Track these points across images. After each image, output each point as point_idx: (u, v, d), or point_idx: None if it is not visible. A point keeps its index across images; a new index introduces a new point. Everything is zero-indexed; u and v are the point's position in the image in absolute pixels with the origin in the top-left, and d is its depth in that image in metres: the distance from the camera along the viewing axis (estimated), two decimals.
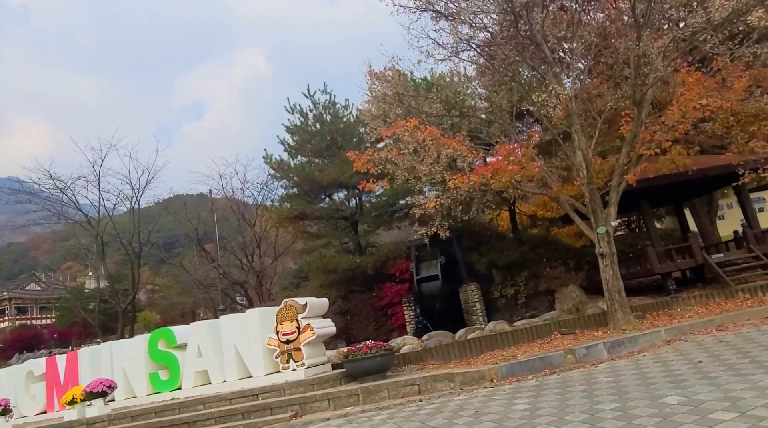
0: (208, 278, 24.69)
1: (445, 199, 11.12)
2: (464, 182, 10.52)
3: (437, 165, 10.76)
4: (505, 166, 9.91)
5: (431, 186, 11.31)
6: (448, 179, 10.64)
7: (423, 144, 10.69)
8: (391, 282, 19.06)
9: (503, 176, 10.49)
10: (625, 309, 11.69)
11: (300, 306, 11.52)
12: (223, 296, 24.01)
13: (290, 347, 11.42)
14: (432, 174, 10.77)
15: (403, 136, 10.75)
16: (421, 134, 10.63)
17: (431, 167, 10.75)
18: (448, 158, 11.09)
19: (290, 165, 19.81)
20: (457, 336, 13.59)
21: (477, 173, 10.33)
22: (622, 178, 11.91)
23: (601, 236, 11.95)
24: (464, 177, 10.58)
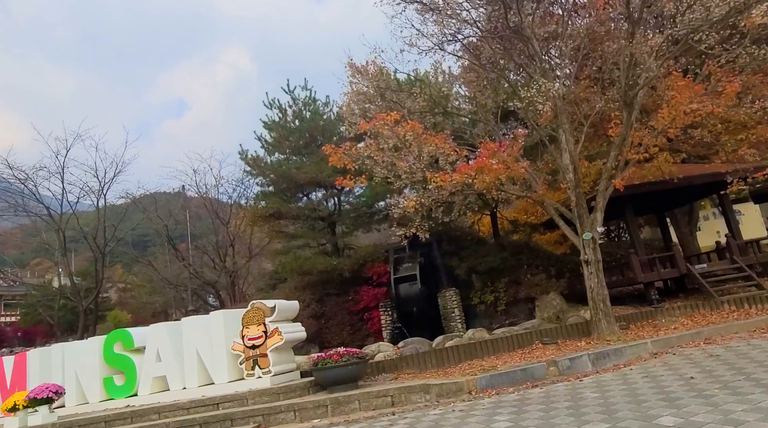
0: (179, 278, 23.62)
1: (425, 199, 10.46)
2: (446, 181, 9.87)
3: (419, 162, 10.09)
4: (489, 164, 9.31)
5: (412, 186, 10.63)
6: (430, 178, 9.97)
7: (404, 139, 10.02)
8: (368, 286, 18.31)
9: (487, 175, 9.87)
10: (609, 319, 11.15)
11: (268, 309, 10.71)
12: (194, 296, 22.99)
13: (256, 352, 10.60)
14: (413, 172, 10.10)
15: (382, 130, 10.06)
16: (402, 129, 9.96)
17: (412, 165, 10.08)
18: (429, 156, 10.44)
19: (267, 162, 18.96)
20: (434, 343, 12.91)
21: (460, 171, 9.69)
22: (610, 182, 11.40)
23: (587, 243, 11.41)
24: (446, 176, 9.93)
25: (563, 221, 11.98)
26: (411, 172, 10.18)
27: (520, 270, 17.97)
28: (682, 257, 14.63)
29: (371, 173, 11.21)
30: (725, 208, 15.43)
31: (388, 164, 10.49)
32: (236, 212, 21.01)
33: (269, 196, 18.88)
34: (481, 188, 10.30)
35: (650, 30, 10.31)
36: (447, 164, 10.30)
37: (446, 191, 10.52)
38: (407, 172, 10.19)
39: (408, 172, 10.18)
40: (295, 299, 19.47)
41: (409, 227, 11.27)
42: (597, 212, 11.40)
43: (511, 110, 15.11)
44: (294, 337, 11.00)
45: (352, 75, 11.76)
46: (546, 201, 11.91)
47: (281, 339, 10.49)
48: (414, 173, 10.34)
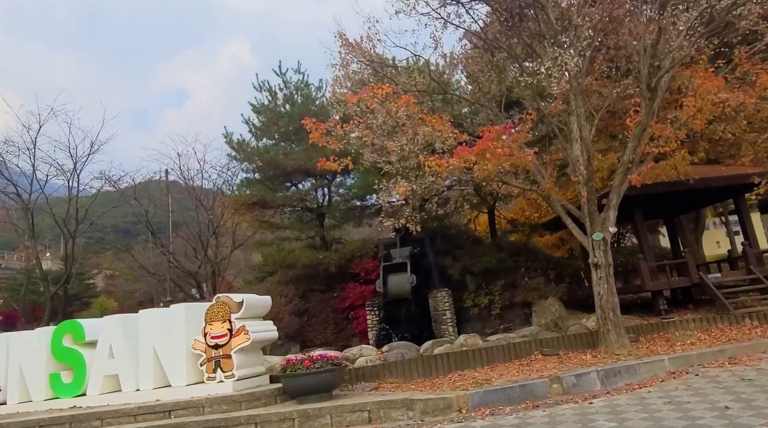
0: (159, 267, 22.13)
1: (418, 185, 9.06)
2: (443, 167, 8.48)
3: (412, 144, 8.71)
4: (492, 148, 7.92)
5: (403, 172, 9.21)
6: (424, 162, 8.58)
7: (396, 116, 8.63)
8: (354, 283, 16.88)
9: (489, 162, 8.48)
10: (619, 331, 9.77)
11: (234, 304, 9.29)
12: (174, 286, 21.50)
13: (219, 353, 9.18)
14: (405, 154, 8.71)
15: (372, 103, 8.66)
16: (394, 104, 8.57)
17: (404, 146, 8.69)
18: (425, 139, 9.04)
19: (253, 147, 17.51)
20: (422, 348, 11.51)
21: (458, 155, 8.29)
22: (625, 178, 10.01)
23: (597, 244, 10.02)
24: (443, 161, 8.55)
25: (571, 219, 10.59)
26: (403, 155, 8.77)
27: (518, 273, 16.61)
28: (694, 265, 13.26)
29: (359, 157, 9.80)
30: (742, 214, 14.08)
31: (378, 147, 9.09)
32: (220, 200, 19.52)
33: (254, 183, 17.43)
34: (481, 177, 8.91)
35: (681, 5, 8.92)
36: (444, 146, 8.90)
37: (441, 178, 9.11)
38: (398, 154, 8.79)
39: (399, 154, 8.78)
40: (277, 294, 18.16)
41: (398, 217, 9.86)
42: (609, 210, 10.01)
43: (515, 101, 13.76)
44: (263, 337, 9.58)
45: (342, 46, 10.33)
46: (552, 196, 10.53)
47: (248, 339, 9.07)
48: (407, 158, 8.94)
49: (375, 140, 8.98)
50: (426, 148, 8.99)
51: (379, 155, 9.82)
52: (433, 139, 9.01)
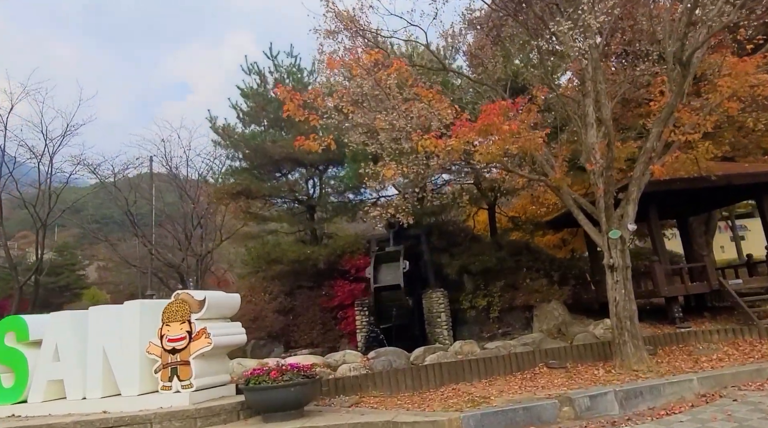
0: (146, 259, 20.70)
1: (408, 167, 7.66)
2: (440, 147, 7.10)
3: (404, 119, 7.32)
4: (498, 123, 6.52)
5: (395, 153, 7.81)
6: (417, 141, 7.19)
7: (385, 85, 7.25)
8: (344, 280, 15.49)
9: (493, 144, 7.10)
10: (637, 343, 8.38)
11: (195, 303, 7.90)
12: (157, 280, 20.14)
13: (176, 359, 7.79)
14: (395, 133, 7.32)
15: (357, 69, 7.26)
16: (383, 73, 7.18)
17: (394, 121, 7.31)
18: (419, 117, 7.65)
19: (239, 133, 16.09)
20: (412, 356, 10.13)
21: (458, 134, 6.89)
22: (647, 168, 8.61)
23: (613, 243, 8.63)
24: (440, 141, 7.17)
25: (583, 215, 9.19)
26: (394, 136, 7.37)
27: (519, 273, 15.22)
28: (714, 270, 11.87)
29: (345, 138, 8.41)
30: (765, 215, 12.66)
31: (365, 125, 7.69)
32: (204, 189, 18.11)
33: (240, 172, 16.02)
34: (483, 161, 7.52)
35: None
36: (442, 129, 7.51)
37: (438, 163, 7.71)
38: (388, 132, 7.39)
39: (390, 134, 7.38)
40: (261, 290, 16.80)
41: (386, 207, 8.46)
42: (628, 204, 8.62)
43: (521, 87, 12.36)
44: (228, 341, 8.18)
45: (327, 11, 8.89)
46: (563, 189, 9.13)
47: (209, 344, 7.67)
48: (397, 139, 7.53)
49: (360, 118, 7.58)
50: (420, 127, 7.60)
51: (368, 137, 8.41)
52: (429, 117, 7.62)
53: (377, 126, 7.60)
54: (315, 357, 10.65)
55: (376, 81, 7.33)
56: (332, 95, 7.96)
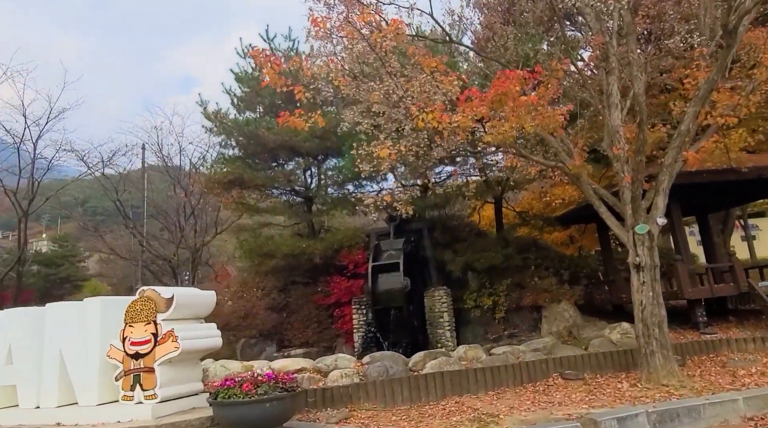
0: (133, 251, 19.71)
1: (405, 146, 6.52)
2: (444, 122, 5.97)
3: (401, 89, 6.20)
4: (514, 92, 5.36)
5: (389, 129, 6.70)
6: (418, 115, 6.05)
7: (381, 48, 6.12)
8: (341, 276, 14.37)
9: (507, 122, 5.95)
10: (667, 354, 7.23)
11: (162, 301, 6.80)
12: (149, 274, 19.11)
13: (140, 365, 6.70)
14: (392, 103, 6.19)
15: (348, 30, 6.13)
16: (377, 35, 6.04)
17: (391, 90, 6.18)
18: (421, 90, 6.51)
19: (232, 119, 14.99)
20: (411, 362, 9.00)
21: (465, 107, 5.72)
22: (680, 154, 7.43)
23: (640, 239, 7.48)
24: (444, 116, 6.03)
25: (605, 207, 8.03)
26: (389, 102, 6.22)
27: (526, 271, 14.06)
28: (743, 271, 10.68)
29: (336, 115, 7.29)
30: None
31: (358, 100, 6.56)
32: (196, 178, 17.01)
33: (233, 160, 14.91)
34: (495, 142, 6.37)
35: None
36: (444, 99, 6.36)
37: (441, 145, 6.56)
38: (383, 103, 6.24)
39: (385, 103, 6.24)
40: (253, 286, 15.70)
41: (382, 196, 7.33)
42: (658, 195, 7.46)
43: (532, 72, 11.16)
44: (200, 345, 7.07)
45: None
46: (583, 178, 7.95)
47: (176, 348, 6.58)
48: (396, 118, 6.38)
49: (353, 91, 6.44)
50: (422, 101, 6.45)
51: (362, 116, 7.26)
52: (431, 92, 6.48)
53: (371, 100, 6.47)
54: (305, 361, 9.56)
55: (370, 45, 6.19)
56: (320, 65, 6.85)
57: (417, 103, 6.20)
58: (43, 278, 37.27)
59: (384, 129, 6.76)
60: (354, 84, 6.58)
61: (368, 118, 6.86)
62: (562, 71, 6.30)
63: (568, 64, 7.04)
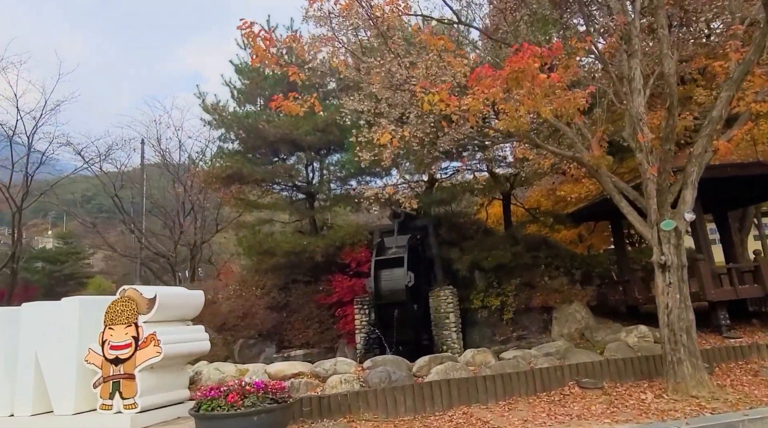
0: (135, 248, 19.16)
1: (408, 131, 5.87)
2: (452, 106, 5.33)
3: (404, 68, 5.55)
4: (533, 69, 4.69)
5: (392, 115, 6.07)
6: (422, 95, 5.39)
7: (381, 22, 5.48)
8: (343, 275, 13.73)
9: (523, 105, 5.29)
10: (696, 362, 6.54)
11: (144, 302, 6.20)
12: (148, 271, 18.59)
13: (119, 370, 6.11)
14: (393, 82, 5.55)
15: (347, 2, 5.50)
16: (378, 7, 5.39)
17: (392, 70, 5.54)
18: (427, 71, 5.87)
19: (231, 112, 14.38)
20: (415, 366, 8.36)
21: (476, 86, 5.05)
22: (710, 143, 6.73)
23: (666, 236, 6.79)
24: (452, 98, 5.39)
25: (626, 201, 7.34)
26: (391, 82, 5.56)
27: (536, 271, 13.37)
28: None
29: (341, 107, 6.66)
30: None
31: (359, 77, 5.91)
32: (195, 173, 16.41)
33: (232, 155, 14.31)
34: (509, 128, 5.71)
35: None
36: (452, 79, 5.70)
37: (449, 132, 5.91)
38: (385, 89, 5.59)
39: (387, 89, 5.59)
40: (252, 285, 15.09)
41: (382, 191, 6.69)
42: (687, 187, 6.78)
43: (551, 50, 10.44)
44: (186, 350, 6.47)
45: None
46: (602, 170, 7.28)
47: (158, 353, 5.98)
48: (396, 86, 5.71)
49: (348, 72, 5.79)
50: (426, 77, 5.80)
51: (361, 102, 6.60)
52: (438, 73, 5.83)
53: (372, 82, 5.82)
54: (303, 365, 8.95)
55: (370, 17, 5.54)
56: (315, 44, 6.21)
57: (422, 83, 5.54)
58: (48, 275, 36.96)
59: (386, 114, 6.11)
60: (353, 63, 5.93)
61: (369, 103, 6.20)
62: (583, 51, 5.65)
63: (589, 42, 6.35)
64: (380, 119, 6.19)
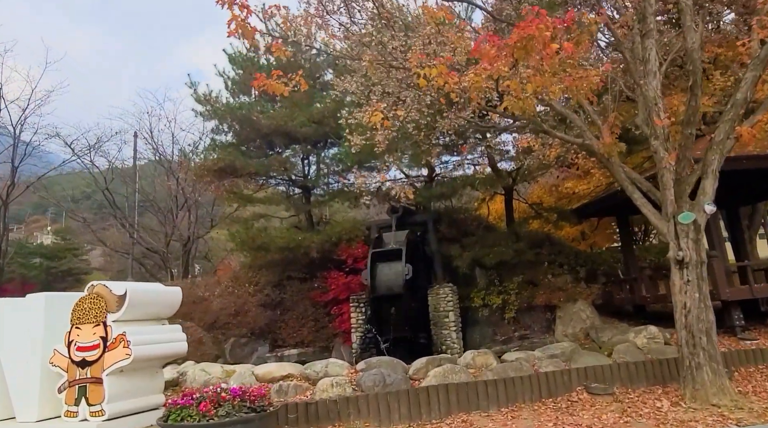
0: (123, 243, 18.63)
1: (405, 111, 5.29)
2: (450, 82, 4.74)
3: (395, 40, 4.96)
4: (545, 38, 4.11)
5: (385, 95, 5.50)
6: (417, 69, 4.79)
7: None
8: (339, 272, 13.14)
9: (530, 84, 4.71)
10: (716, 367, 5.94)
11: (113, 298, 5.63)
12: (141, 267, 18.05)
13: (86, 374, 5.54)
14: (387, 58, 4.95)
15: None
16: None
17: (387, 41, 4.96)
18: (425, 46, 5.28)
19: (224, 102, 13.79)
20: (411, 369, 7.79)
21: (479, 53, 4.46)
22: (733, 129, 6.12)
23: (684, 230, 6.19)
24: (452, 74, 4.80)
25: (639, 193, 6.74)
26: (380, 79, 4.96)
27: (539, 268, 12.80)
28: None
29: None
30: None
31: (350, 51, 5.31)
32: (185, 165, 15.82)
33: (225, 147, 13.73)
34: (515, 110, 5.12)
35: None
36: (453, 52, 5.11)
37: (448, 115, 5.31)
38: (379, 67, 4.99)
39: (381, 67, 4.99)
40: (246, 281, 14.51)
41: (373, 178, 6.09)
42: (707, 177, 6.18)
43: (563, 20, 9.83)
44: (159, 351, 5.89)
45: None
46: (614, 158, 6.67)
47: (128, 356, 5.40)
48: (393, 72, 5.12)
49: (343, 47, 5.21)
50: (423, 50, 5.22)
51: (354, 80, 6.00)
52: (437, 49, 5.23)
53: (364, 59, 5.23)
54: (292, 366, 8.38)
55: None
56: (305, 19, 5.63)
57: (419, 54, 4.94)
58: (45, 271, 36.52)
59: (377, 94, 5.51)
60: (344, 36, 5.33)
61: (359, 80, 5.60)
62: (595, 25, 5.06)
63: (604, 14, 5.75)
64: (371, 97, 5.60)
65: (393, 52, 5.25)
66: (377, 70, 5.47)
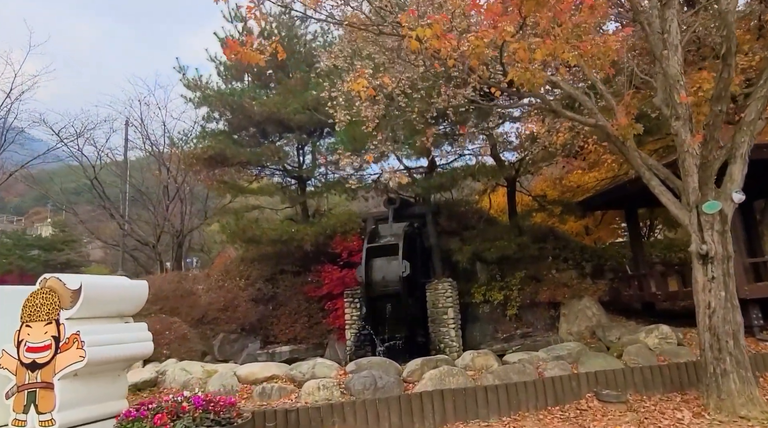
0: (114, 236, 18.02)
1: (393, 79, 4.59)
2: (448, 47, 4.03)
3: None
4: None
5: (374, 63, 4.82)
6: (409, 25, 4.11)
7: None
8: (333, 266, 12.49)
9: (539, 50, 4.02)
10: (744, 374, 5.26)
11: (66, 293, 4.96)
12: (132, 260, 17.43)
13: (36, 378, 4.88)
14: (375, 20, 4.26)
15: None
16: None
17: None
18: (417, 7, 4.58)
19: (215, 88, 13.10)
20: (405, 371, 7.12)
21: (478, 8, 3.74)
22: (765, 108, 5.40)
23: (708, 221, 5.48)
24: (450, 36, 4.09)
25: (657, 180, 6.03)
26: (372, 27, 4.28)
27: (543, 263, 12.16)
28: None
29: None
30: None
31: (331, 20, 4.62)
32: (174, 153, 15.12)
33: (216, 135, 13.05)
34: (521, 83, 4.41)
35: None
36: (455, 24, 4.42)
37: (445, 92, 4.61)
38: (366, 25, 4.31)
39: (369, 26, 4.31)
40: (236, 275, 13.84)
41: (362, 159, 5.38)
42: (735, 162, 5.46)
43: None
44: (119, 353, 5.20)
45: None
46: (629, 143, 5.96)
47: (81, 358, 4.74)
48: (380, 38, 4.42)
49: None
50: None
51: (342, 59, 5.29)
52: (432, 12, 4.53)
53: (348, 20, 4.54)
54: (277, 367, 7.73)
55: None
56: None
57: (410, 10, 4.25)
58: (43, 263, 35.98)
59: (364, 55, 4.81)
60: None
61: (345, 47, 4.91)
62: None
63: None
64: (356, 63, 4.91)
65: (381, 11, 4.55)
66: (365, 39, 4.78)
